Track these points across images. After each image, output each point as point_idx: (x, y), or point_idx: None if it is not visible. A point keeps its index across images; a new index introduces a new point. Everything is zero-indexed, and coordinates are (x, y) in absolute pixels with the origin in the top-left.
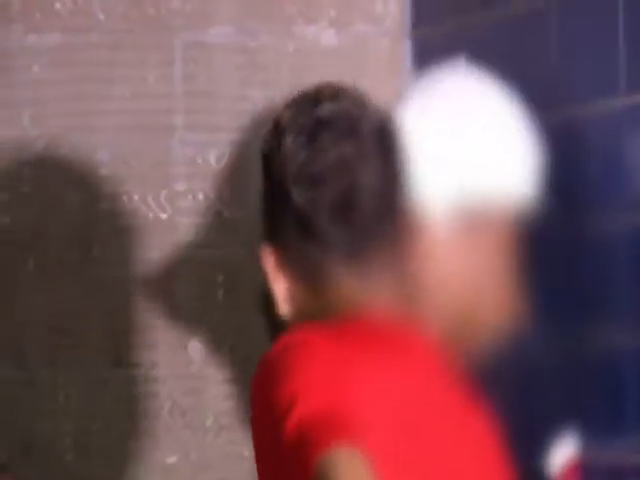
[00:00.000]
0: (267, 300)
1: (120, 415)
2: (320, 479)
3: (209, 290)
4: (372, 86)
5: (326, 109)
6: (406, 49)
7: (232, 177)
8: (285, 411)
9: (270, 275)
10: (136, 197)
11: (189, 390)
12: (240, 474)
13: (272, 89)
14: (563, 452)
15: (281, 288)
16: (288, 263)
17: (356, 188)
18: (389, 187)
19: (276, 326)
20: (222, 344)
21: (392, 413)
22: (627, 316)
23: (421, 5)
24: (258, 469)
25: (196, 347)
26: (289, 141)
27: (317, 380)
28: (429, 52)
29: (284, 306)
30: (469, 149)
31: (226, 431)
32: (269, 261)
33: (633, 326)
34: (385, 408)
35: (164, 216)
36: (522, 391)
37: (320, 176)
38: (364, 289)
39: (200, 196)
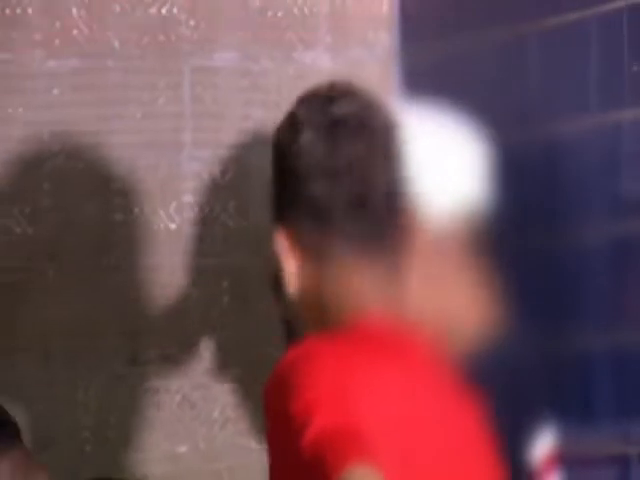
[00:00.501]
0: (277, 281)
1: (135, 409)
2: None
3: (215, 295)
4: None
5: (342, 107)
6: (395, 72)
7: (236, 190)
8: (299, 427)
9: (282, 255)
10: (148, 209)
11: (197, 385)
12: (245, 463)
13: (273, 109)
14: (542, 444)
15: (292, 268)
16: (299, 246)
17: (370, 183)
18: (397, 184)
19: (285, 309)
20: (227, 343)
21: (398, 424)
22: (599, 319)
23: (408, 33)
24: (274, 475)
25: (204, 346)
26: (306, 136)
27: (328, 395)
28: (416, 75)
29: (293, 285)
30: (442, 163)
31: (232, 423)
32: (281, 242)
33: (604, 328)
34: (392, 420)
35: (173, 226)
36: (502, 389)
37: (336, 170)
38: (368, 280)
39: (206, 208)
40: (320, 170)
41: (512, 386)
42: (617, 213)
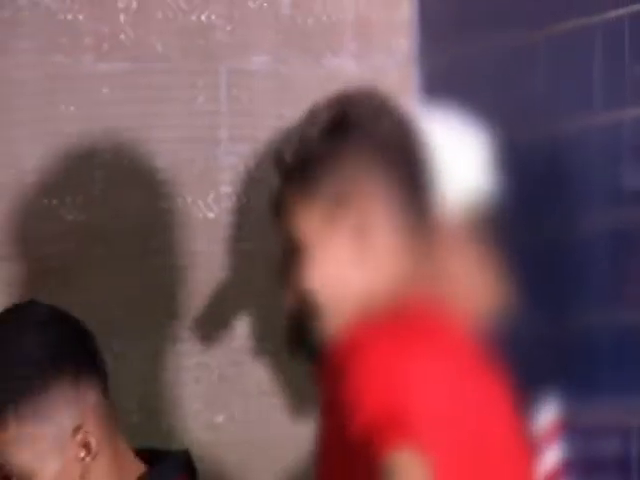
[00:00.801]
0: (287, 269)
1: (177, 382)
2: (382, 477)
3: (250, 277)
4: None
5: (392, 114)
6: (415, 76)
7: (269, 182)
8: (353, 409)
9: (313, 240)
10: (189, 199)
11: (234, 361)
12: (277, 432)
13: (302, 109)
14: (548, 412)
15: (323, 253)
16: (342, 230)
17: (425, 176)
18: (430, 180)
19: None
20: (261, 322)
21: (448, 412)
22: (601, 299)
23: (428, 38)
24: (331, 456)
25: (239, 325)
26: (365, 137)
27: (382, 382)
28: (435, 78)
29: (322, 270)
30: (460, 158)
31: (266, 396)
32: (315, 227)
33: (605, 307)
34: (442, 408)
35: (211, 215)
36: (512, 362)
37: (400, 160)
38: (411, 265)
39: (243, 198)
40: (384, 161)
41: (522, 359)
42: (618, 204)
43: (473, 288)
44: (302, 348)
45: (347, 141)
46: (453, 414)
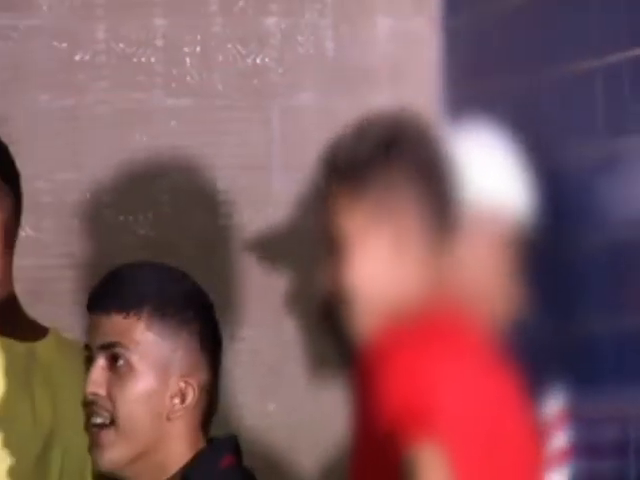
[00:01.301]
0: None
1: (234, 375)
2: (406, 470)
3: (298, 281)
4: None
5: (429, 137)
6: (441, 109)
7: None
8: (382, 406)
9: (351, 241)
10: (245, 217)
11: (283, 355)
12: (322, 417)
13: None
14: (553, 403)
15: (362, 254)
16: (380, 234)
17: (454, 192)
18: (458, 192)
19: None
20: (306, 322)
21: (469, 410)
22: (603, 306)
23: (453, 76)
24: (363, 450)
25: (288, 325)
26: (412, 153)
27: (408, 381)
28: (458, 110)
29: (357, 271)
30: (485, 177)
31: (313, 386)
32: (355, 227)
33: (607, 314)
34: (463, 407)
35: (264, 229)
36: (524, 360)
37: (434, 176)
38: (436, 270)
39: (293, 216)
40: (424, 175)
41: (531, 356)
42: (617, 220)
43: (492, 294)
44: (335, 342)
45: (396, 156)
46: (473, 412)
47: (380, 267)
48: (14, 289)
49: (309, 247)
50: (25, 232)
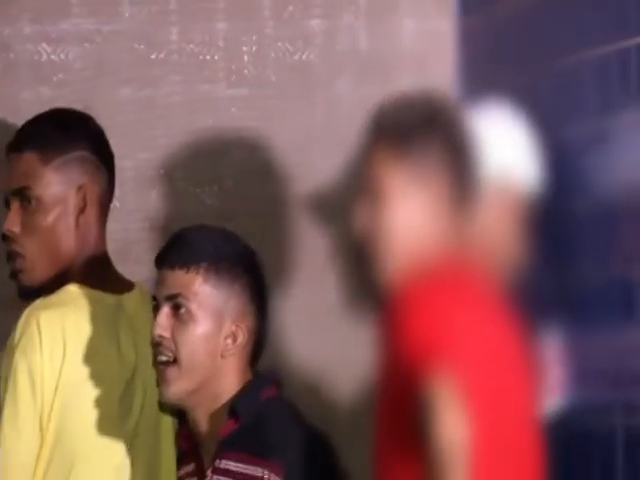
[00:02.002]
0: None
1: (286, 324)
2: (425, 400)
3: (339, 243)
4: None
5: (457, 113)
6: (457, 94)
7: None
8: (405, 342)
9: (390, 196)
10: (296, 188)
11: (326, 307)
12: (359, 356)
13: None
14: (551, 340)
15: (400, 207)
16: (417, 191)
17: (475, 160)
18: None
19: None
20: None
21: (482, 347)
22: (593, 259)
23: (466, 69)
24: (386, 389)
25: (331, 282)
26: (449, 128)
27: (430, 321)
28: (473, 96)
29: (394, 221)
30: (499, 152)
31: (352, 330)
32: (396, 183)
33: (596, 266)
34: (477, 344)
35: (312, 197)
36: (526, 303)
37: (462, 149)
38: (461, 228)
39: (335, 186)
40: (458, 148)
41: (532, 300)
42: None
43: (503, 249)
44: (366, 283)
45: (435, 128)
46: (485, 350)
47: (413, 220)
48: (107, 250)
49: (347, 212)
50: (113, 203)
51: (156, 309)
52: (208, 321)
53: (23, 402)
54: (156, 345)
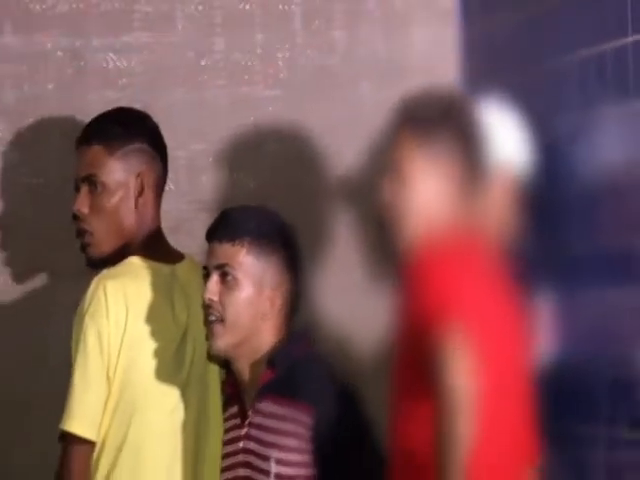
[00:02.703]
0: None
1: (322, 289)
2: (438, 353)
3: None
4: None
5: (468, 104)
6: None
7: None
8: (420, 302)
9: (414, 177)
10: (337, 172)
11: (354, 276)
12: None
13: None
14: (544, 304)
15: (422, 187)
16: (439, 172)
17: (482, 146)
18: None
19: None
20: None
21: (487, 304)
22: (580, 232)
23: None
24: (401, 349)
25: (359, 255)
26: (463, 119)
27: (442, 283)
28: (474, 94)
29: (416, 200)
30: (498, 141)
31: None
32: (418, 163)
33: (583, 237)
34: (483, 302)
35: (344, 179)
36: (523, 269)
37: (473, 137)
38: (471, 203)
39: (361, 169)
40: (468, 135)
41: (528, 267)
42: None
43: (503, 223)
44: (387, 253)
45: (452, 118)
46: (489, 307)
47: (429, 196)
48: (161, 226)
49: (371, 192)
50: (168, 186)
51: (206, 277)
52: (250, 287)
53: (92, 360)
54: (207, 307)
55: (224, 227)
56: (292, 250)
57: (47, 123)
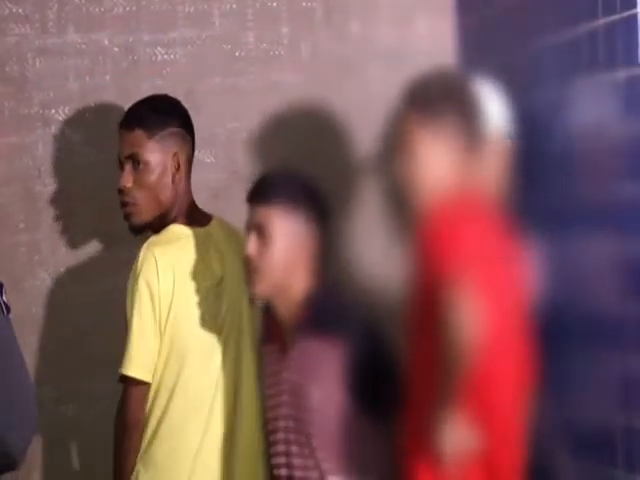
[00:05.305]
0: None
1: (352, 245)
2: (448, 297)
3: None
4: None
5: (469, 82)
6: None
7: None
8: (435, 254)
9: (424, 146)
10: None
11: (374, 239)
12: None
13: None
14: (537, 251)
15: (432, 156)
16: (445, 143)
17: (481, 117)
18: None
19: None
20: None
21: (492, 256)
22: (563, 189)
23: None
24: (415, 301)
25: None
26: (466, 97)
27: (452, 237)
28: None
29: (425, 167)
30: (490, 113)
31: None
32: (425, 138)
33: (563, 189)
34: (489, 256)
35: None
36: (517, 221)
37: (472, 111)
38: (476, 168)
39: (374, 153)
40: (469, 111)
41: (521, 219)
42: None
43: (498, 185)
44: (403, 214)
45: (454, 95)
46: (493, 258)
47: (437, 164)
48: (193, 196)
49: (386, 163)
50: (209, 159)
51: (248, 235)
52: (284, 241)
53: (146, 314)
54: (247, 260)
55: (262, 190)
56: (321, 209)
57: (106, 108)
